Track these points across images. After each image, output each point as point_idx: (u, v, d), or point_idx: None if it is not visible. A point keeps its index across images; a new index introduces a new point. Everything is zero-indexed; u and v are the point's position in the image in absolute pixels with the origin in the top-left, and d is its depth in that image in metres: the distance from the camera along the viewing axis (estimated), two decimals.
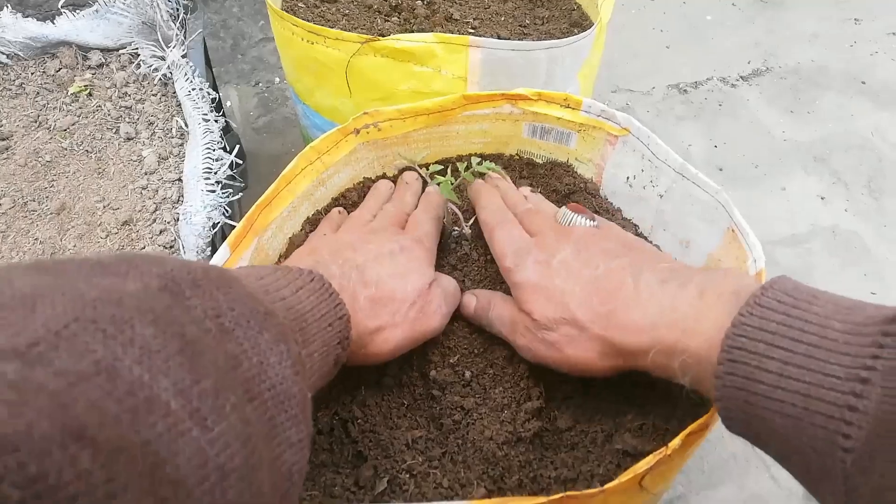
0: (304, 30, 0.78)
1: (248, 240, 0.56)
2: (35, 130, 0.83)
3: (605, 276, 0.47)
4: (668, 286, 0.44)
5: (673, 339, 0.42)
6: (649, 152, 0.63)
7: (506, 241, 0.55)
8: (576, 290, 0.47)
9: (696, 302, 0.42)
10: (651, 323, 0.43)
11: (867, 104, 1.52)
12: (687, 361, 0.41)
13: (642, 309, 0.44)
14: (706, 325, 0.40)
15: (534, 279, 0.50)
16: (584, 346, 0.47)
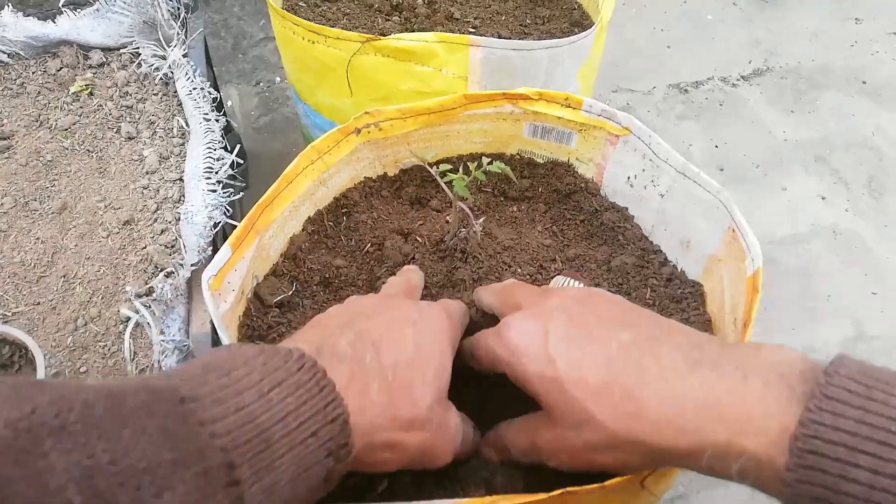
0: (305, 29, 0.79)
1: (249, 239, 0.56)
2: (36, 130, 0.83)
3: (619, 359, 0.39)
4: (700, 371, 0.37)
5: (725, 440, 0.35)
6: (650, 152, 0.63)
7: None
8: (588, 377, 0.39)
9: (740, 390, 0.35)
10: (693, 422, 0.36)
11: (868, 103, 1.52)
12: (746, 465, 0.35)
13: (678, 404, 0.37)
14: (761, 420, 0.34)
15: (530, 365, 0.41)
16: (616, 453, 0.39)
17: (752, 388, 0.35)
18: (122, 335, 0.66)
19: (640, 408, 0.37)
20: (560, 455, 0.42)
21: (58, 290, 0.69)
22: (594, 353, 0.40)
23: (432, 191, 0.70)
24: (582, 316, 0.43)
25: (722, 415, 0.35)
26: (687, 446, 0.36)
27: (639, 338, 0.40)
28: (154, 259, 0.71)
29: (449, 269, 0.62)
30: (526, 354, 0.42)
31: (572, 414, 0.39)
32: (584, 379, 0.39)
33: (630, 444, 0.38)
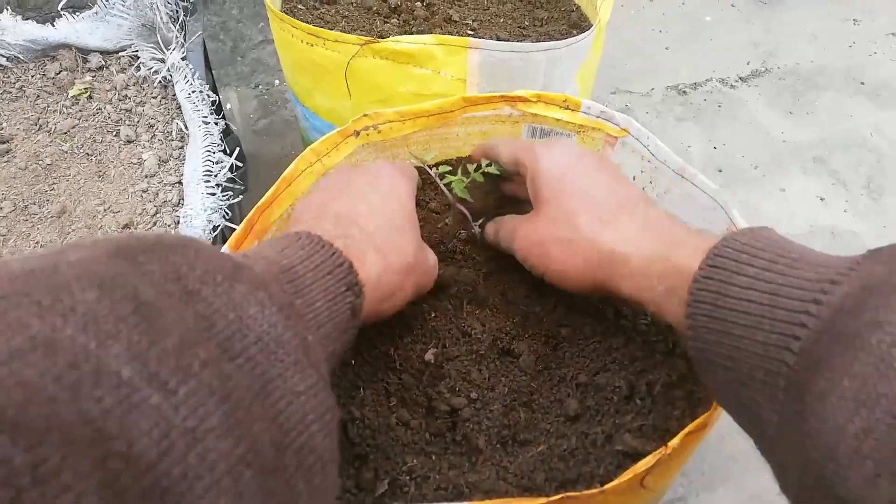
0: (304, 32, 0.79)
1: (248, 242, 0.56)
2: (35, 133, 0.83)
3: (622, 195, 0.49)
4: (675, 221, 0.46)
5: (657, 249, 0.43)
6: (648, 153, 0.63)
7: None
8: (590, 197, 0.49)
9: (696, 233, 0.44)
10: (645, 237, 0.45)
11: (866, 104, 1.52)
12: (666, 270, 0.42)
13: (644, 228, 0.46)
14: (696, 244, 0.41)
15: (552, 170, 0.52)
16: (570, 249, 0.48)
17: (707, 238, 0.42)
18: None
19: (612, 225, 0.47)
20: (523, 241, 0.53)
21: None
22: (605, 188, 0.50)
23: (431, 192, 0.70)
24: (606, 165, 0.53)
25: (665, 237, 0.44)
26: (624, 251, 0.45)
27: (642, 196, 0.50)
28: None
29: (449, 270, 0.62)
30: (556, 167, 0.52)
31: (560, 212, 0.50)
32: (585, 197, 0.49)
33: (589, 245, 0.47)
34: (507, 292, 0.61)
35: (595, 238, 0.47)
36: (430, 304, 0.59)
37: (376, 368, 0.55)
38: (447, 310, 0.59)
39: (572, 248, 0.48)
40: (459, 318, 0.58)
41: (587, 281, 0.48)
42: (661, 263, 0.42)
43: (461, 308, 0.59)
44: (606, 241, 0.46)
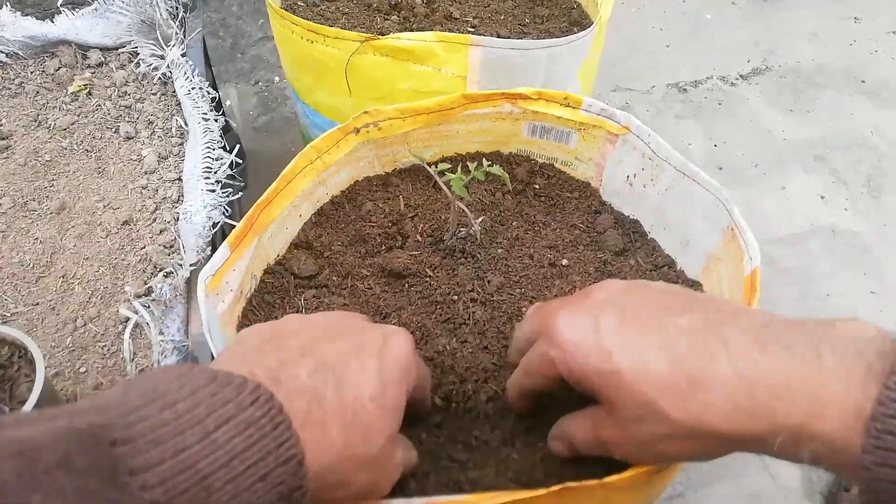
0: (304, 28, 0.78)
1: (248, 239, 0.56)
2: (35, 130, 0.82)
3: (681, 344, 0.37)
4: (770, 351, 0.35)
5: (797, 423, 0.33)
6: (650, 150, 0.63)
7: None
8: (649, 367, 0.37)
9: (814, 370, 0.33)
10: (765, 407, 0.34)
11: (867, 103, 1.52)
12: (820, 450, 0.33)
13: (749, 388, 0.34)
14: (836, 401, 0.32)
15: (585, 361, 0.39)
16: (684, 443, 0.37)
17: (827, 368, 0.33)
18: (121, 335, 0.66)
19: (708, 396, 0.35)
20: (627, 447, 0.40)
21: (57, 291, 0.69)
22: (653, 342, 0.38)
23: (431, 190, 0.70)
24: (633, 305, 0.40)
25: (795, 397, 0.33)
26: (759, 431, 0.34)
27: (699, 322, 0.38)
28: (153, 259, 0.71)
29: (449, 268, 0.62)
30: (579, 349, 0.39)
31: (636, 408, 0.37)
32: (645, 370, 0.37)
33: (700, 434, 0.36)
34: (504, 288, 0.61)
35: (700, 424, 0.36)
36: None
37: None
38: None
39: (684, 442, 0.37)
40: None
41: (724, 453, 0.38)
42: (807, 444, 0.33)
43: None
44: (722, 427, 0.35)
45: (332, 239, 0.65)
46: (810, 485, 0.98)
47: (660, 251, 0.65)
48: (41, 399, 0.53)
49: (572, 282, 0.61)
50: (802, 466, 0.99)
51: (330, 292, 0.61)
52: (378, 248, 0.65)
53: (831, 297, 1.18)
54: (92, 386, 0.63)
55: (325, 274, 0.62)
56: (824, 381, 0.33)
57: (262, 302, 0.59)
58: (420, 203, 0.68)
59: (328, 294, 0.61)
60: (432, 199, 0.69)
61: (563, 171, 0.71)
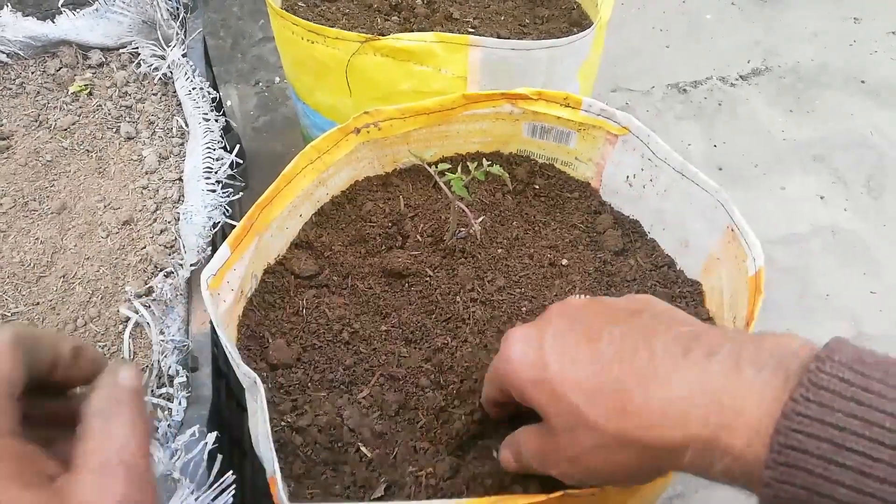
0: (304, 29, 0.79)
1: (248, 239, 0.56)
2: (35, 130, 0.83)
3: (611, 353, 0.37)
4: (692, 356, 0.34)
5: (709, 435, 0.32)
6: (649, 151, 0.63)
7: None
8: (581, 378, 0.37)
9: (731, 379, 0.32)
10: (680, 411, 0.33)
11: (867, 103, 1.52)
12: (730, 466, 0.32)
13: (665, 390, 0.34)
14: (748, 413, 0.31)
15: (526, 373, 0.39)
16: (608, 454, 0.36)
17: (745, 377, 0.32)
18: (121, 335, 0.66)
19: (627, 402, 0.35)
20: (560, 464, 0.39)
21: (57, 291, 0.69)
22: (586, 352, 0.38)
23: (431, 190, 0.70)
24: (582, 319, 0.40)
25: (709, 407, 0.32)
26: (672, 441, 0.33)
27: (633, 331, 0.37)
28: (153, 259, 0.71)
29: (450, 268, 0.62)
30: (521, 361, 0.40)
31: (566, 417, 0.37)
32: (576, 380, 0.37)
33: (620, 442, 0.35)
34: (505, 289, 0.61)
35: (621, 433, 0.35)
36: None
37: (376, 370, 0.55)
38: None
39: (607, 454, 0.36)
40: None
41: (654, 474, 0.37)
42: (720, 459, 0.32)
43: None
44: (640, 435, 0.35)
45: (333, 239, 0.65)
46: None
47: (659, 251, 0.65)
48: None
49: (572, 281, 0.61)
50: None
51: (330, 292, 0.61)
52: (378, 247, 0.65)
53: (831, 297, 1.18)
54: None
55: (326, 274, 0.62)
56: (740, 393, 0.32)
57: (263, 302, 0.59)
58: (420, 203, 0.68)
59: (328, 294, 0.61)
60: (432, 199, 0.69)
61: (563, 171, 0.71)
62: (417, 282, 0.62)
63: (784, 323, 1.13)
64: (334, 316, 0.58)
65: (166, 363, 0.62)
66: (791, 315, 1.14)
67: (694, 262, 0.62)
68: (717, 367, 0.33)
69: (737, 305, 0.54)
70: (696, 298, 0.60)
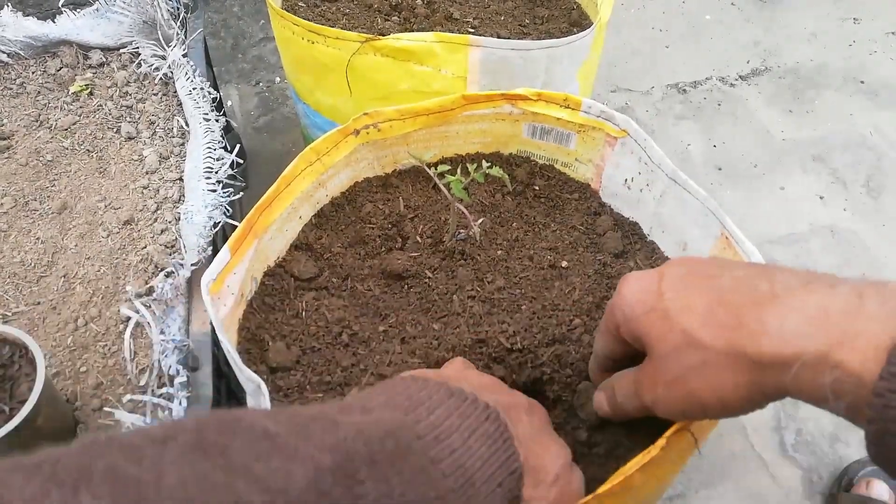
0: (305, 29, 0.79)
1: (248, 242, 0.56)
2: (36, 130, 0.83)
3: (730, 284, 0.38)
4: (813, 286, 0.35)
5: (823, 348, 0.32)
6: (645, 155, 0.63)
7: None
8: (696, 305, 0.38)
9: (853, 306, 0.33)
10: (794, 329, 0.34)
11: (866, 103, 1.52)
12: (841, 380, 0.32)
13: (781, 313, 0.35)
14: (868, 334, 0.31)
15: (640, 306, 0.41)
16: (712, 373, 0.37)
17: (868, 306, 0.33)
18: (122, 335, 0.66)
19: (741, 320, 0.36)
20: (657, 388, 0.40)
21: (58, 290, 0.69)
22: (705, 284, 0.39)
23: (431, 192, 0.70)
24: (699, 266, 0.41)
25: (829, 327, 0.33)
26: (783, 354, 0.34)
27: (752, 269, 0.39)
28: (154, 259, 0.71)
29: (449, 269, 0.62)
30: (637, 297, 0.41)
31: (673, 339, 0.38)
32: (690, 306, 0.38)
33: (727, 357, 0.36)
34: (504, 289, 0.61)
35: (730, 347, 0.36)
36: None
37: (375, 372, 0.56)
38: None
39: (711, 372, 0.37)
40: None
41: (744, 399, 0.37)
42: (830, 373, 0.33)
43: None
44: (748, 347, 0.35)
45: (332, 241, 0.65)
46: (810, 485, 0.99)
47: (659, 253, 0.65)
48: (41, 399, 0.53)
49: (572, 283, 0.61)
50: (802, 467, 0.99)
51: (330, 294, 0.61)
52: (378, 249, 0.65)
53: None
54: (92, 385, 0.63)
55: (325, 276, 0.62)
56: (861, 318, 0.32)
57: (263, 304, 0.59)
58: (420, 204, 0.68)
59: (328, 296, 0.61)
60: (432, 201, 0.69)
61: (563, 172, 0.71)
62: (417, 283, 0.62)
63: None
64: (334, 318, 0.58)
65: (167, 363, 0.62)
66: None
67: None
68: (839, 295, 0.34)
69: None
70: None
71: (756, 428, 0.99)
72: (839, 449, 1.02)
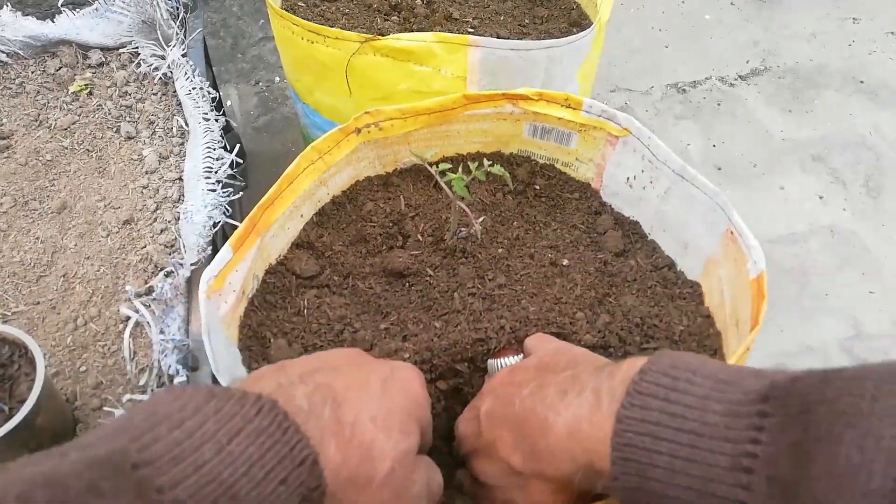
0: (304, 29, 0.79)
1: (250, 240, 0.56)
2: (36, 129, 0.83)
3: (520, 411, 0.43)
4: (567, 398, 0.40)
5: (587, 461, 0.38)
6: (649, 153, 0.63)
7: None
8: (504, 436, 0.44)
9: (593, 411, 0.38)
10: (567, 448, 0.39)
11: (865, 103, 1.52)
12: (607, 485, 0.37)
13: (554, 439, 0.40)
14: (607, 434, 0.37)
15: (470, 442, 0.48)
16: (534, 491, 0.43)
17: (602, 405, 0.38)
18: (121, 334, 0.66)
19: (535, 451, 0.41)
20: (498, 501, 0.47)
21: (57, 290, 0.69)
22: (507, 416, 0.44)
23: (432, 190, 0.70)
24: (503, 389, 0.47)
25: (582, 439, 0.38)
26: (569, 471, 0.39)
27: (533, 390, 0.43)
28: (154, 258, 0.71)
29: (450, 267, 0.62)
30: (466, 437, 0.48)
31: (498, 468, 0.45)
32: (501, 440, 0.44)
33: (538, 479, 0.42)
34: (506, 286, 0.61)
35: (538, 473, 0.42)
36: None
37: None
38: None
39: (534, 490, 0.43)
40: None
41: (570, 499, 0.44)
42: (599, 479, 0.38)
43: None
44: (547, 471, 0.41)
45: (334, 239, 0.65)
46: None
47: (660, 252, 0.65)
48: (41, 398, 0.53)
49: (573, 280, 0.62)
50: None
51: (331, 292, 0.61)
52: (379, 247, 0.65)
53: (830, 296, 1.19)
54: (92, 385, 0.63)
55: (327, 274, 0.62)
56: (598, 420, 0.37)
57: (264, 302, 0.59)
58: (421, 203, 0.68)
59: (329, 294, 0.61)
60: (433, 199, 0.69)
61: (564, 171, 0.71)
62: (418, 281, 0.62)
63: (783, 323, 1.13)
64: (335, 316, 0.58)
65: (166, 362, 0.62)
66: (790, 315, 1.15)
67: (694, 263, 0.62)
68: (583, 403, 0.39)
69: (738, 309, 0.54)
70: (696, 299, 0.61)
71: None
72: None
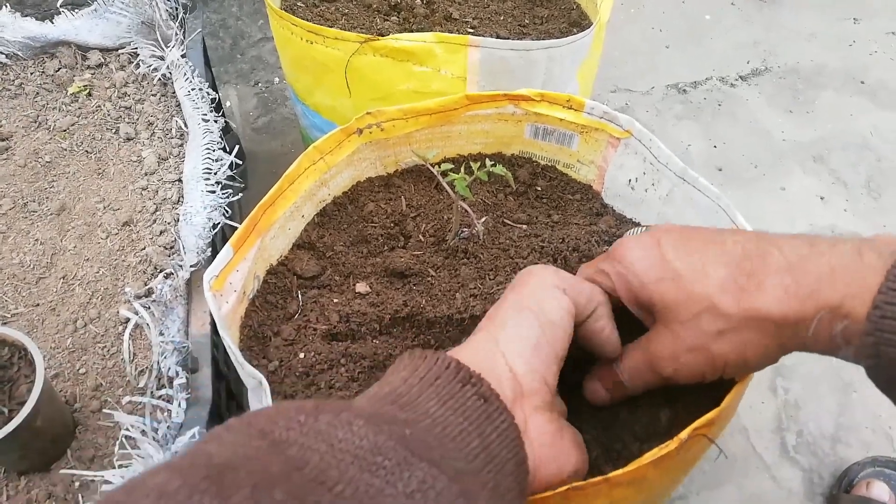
0: (304, 29, 0.78)
1: (251, 240, 0.56)
2: (35, 131, 0.82)
3: (741, 251, 0.40)
4: (818, 248, 0.39)
5: (836, 302, 0.36)
6: (651, 155, 0.63)
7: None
8: (710, 272, 0.40)
9: (855, 260, 0.37)
10: (809, 288, 0.37)
11: (866, 103, 1.52)
12: (850, 328, 0.36)
13: (798, 276, 0.38)
14: (870, 283, 0.36)
15: (649, 274, 0.42)
16: (736, 337, 0.40)
17: (867, 262, 0.37)
18: (121, 336, 0.65)
19: (762, 285, 0.39)
20: (678, 357, 0.42)
21: (57, 292, 0.69)
22: (710, 252, 0.41)
23: (434, 191, 0.70)
24: (691, 231, 0.44)
25: (837, 282, 0.37)
26: (804, 313, 0.37)
27: (752, 236, 0.42)
28: (153, 260, 0.70)
29: (452, 268, 0.62)
30: (642, 262, 0.43)
31: (693, 306, 0.40)
32: (704, 272, 0.40)
33: (750, 321, 0.39)
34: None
35: (753, 312, 0.39)
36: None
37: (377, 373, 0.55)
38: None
39: (737, 335, 0.40)
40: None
41: (762, 356, 0.40)
42: (841, 322, 0.37)
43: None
44: (773, 310, 0.38)
45: (335, 239, 0.65)
46: (811, 486, 0.99)
47: None
48: (41, 400, 0.53)
49: None
50: (803, 468, 0.99)
51: (332, 292, 0.61)
52: (380, 248, 0.65)
53: None
54: (91, 387, 0.63)
55: (328, 274, 0.62)
56: (862, 272, 0.36)
57: (265, 302, 0.59)
58: (422, 203, 0.68)
59: (330, 294, 0.61)
60: (434, 200, 0.69)
61: (565, 173, 0.71)
62: (419, 281, 0.61)
63: None
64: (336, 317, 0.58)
65: (166, 364, 0.62)
66: None
67: None
68: (843, 254, 0.38)
69: None
70: None
71: (758, 430, 0.99)
72: (840, 450, 1.02)
